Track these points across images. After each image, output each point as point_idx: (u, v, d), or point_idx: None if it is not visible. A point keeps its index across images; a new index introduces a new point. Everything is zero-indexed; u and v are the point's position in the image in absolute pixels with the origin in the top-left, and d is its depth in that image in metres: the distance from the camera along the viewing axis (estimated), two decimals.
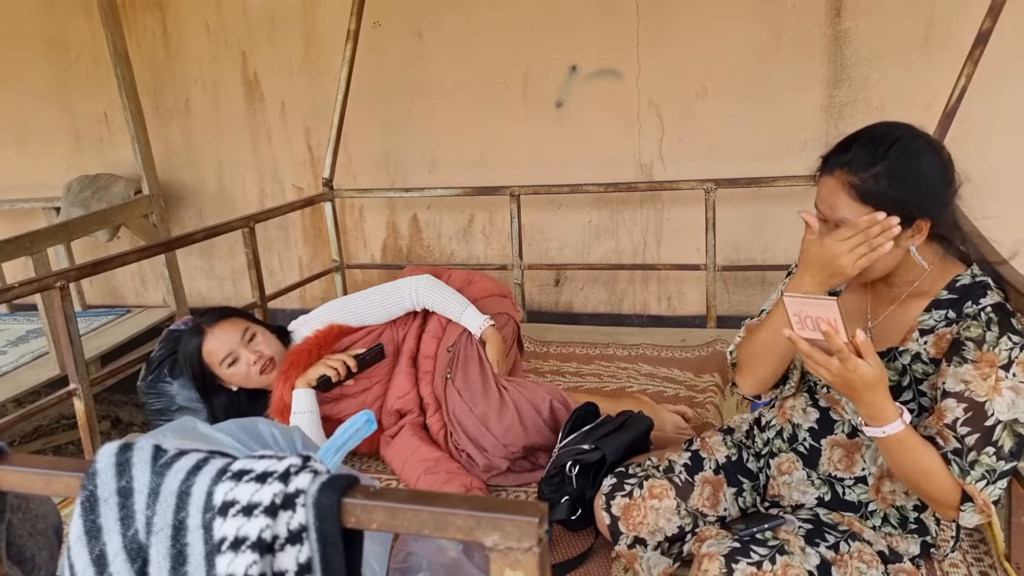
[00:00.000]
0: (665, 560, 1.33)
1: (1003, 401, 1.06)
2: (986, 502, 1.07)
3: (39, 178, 3.75)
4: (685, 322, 2.96)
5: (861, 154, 1.12)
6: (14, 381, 2.82)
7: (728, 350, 1.40)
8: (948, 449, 1.09)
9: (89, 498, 0.63)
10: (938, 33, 2.51)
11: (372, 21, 3.07)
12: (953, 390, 1.10)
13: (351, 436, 0.87)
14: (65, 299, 1.84)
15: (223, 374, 1.84)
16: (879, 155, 1.11)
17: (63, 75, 3.64)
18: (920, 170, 1.12)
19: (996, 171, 2.41)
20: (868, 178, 1.11)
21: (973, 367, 1.09)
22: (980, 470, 1.07)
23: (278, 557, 0.60)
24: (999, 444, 1.06)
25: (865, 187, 1.11)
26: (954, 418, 1.09)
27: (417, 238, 3.37)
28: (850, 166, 1.12)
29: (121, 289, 3.92)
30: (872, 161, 1.11)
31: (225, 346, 1.82)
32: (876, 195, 1.10)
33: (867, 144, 1.13)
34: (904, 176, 1.10)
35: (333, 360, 1.80)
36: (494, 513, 0.53)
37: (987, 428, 1.07)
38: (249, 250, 2.47)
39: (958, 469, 1.08)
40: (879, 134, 1.14)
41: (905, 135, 1.13)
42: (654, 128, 2.89)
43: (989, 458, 1.06)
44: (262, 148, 3.48)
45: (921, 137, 1.14)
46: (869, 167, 1.11)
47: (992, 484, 1.07)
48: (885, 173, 1.10)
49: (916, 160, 1.12)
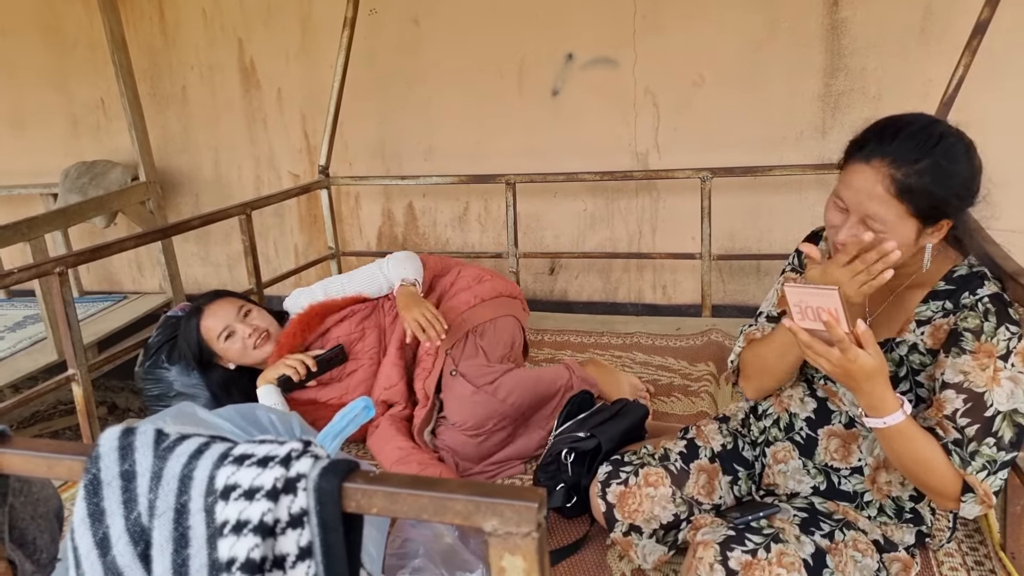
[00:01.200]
0: (660, 548, 1.34)
1: (1002, 391, 1.07)
2: (987, 493, 1.07)
3: (36, 164, 3.74)
4: (680, 311, 2.97)
5: (907, 147, 1.08)
6: (12, 367, 2.82)
7: (729, 359, 1.41)
8: (948, 440, 1.09)
9: (92, 481, 0.64)
10: (936, 22, 2.51)
11: (368, 8, 3.05)
12: (952, 381, 1.10)
13: (349, 422, 0.88)
14: (64, 285, 1.84)
15: (220, 349, 1.89)
16: (926, 151, 1.07)
17: (60, 62, 3.62)
18: (960, 171, 1.09)
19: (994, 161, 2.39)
20: (912, 173, 1.06)
21: (972, 358, 1.09)
22: (981, 460, 1.07)
23: (279, 541, 0.61)
24: (999, 435, 1.06)
25: (907, 182, 1.07)
26: (954, 409, 1.09)
27: (413, 226, 3.37)
28: (894, 158, 1.08)
29: (118, 275, 3.91)
30: (918, 156, 1.07)
31: (221, 321, 1.88)
32: (915, 191, 1.07)
33: (913, 138, 1.08)
34: (946, 175, 1.07)
35: (292, 360, 1.83)
36: (493, 498, 0.53)
37: (987, 419, 1.07)
38: (245, 237, 2.47)
39: (959, 460, 1.07)
40: (924, 127, 1.09)
41: (949, 134, 1.10)
42: (650, 117, 2.89)
43: (989, 449, 1.06)
44: (258, 135, 3.47)
45: (963, 138, 1.12)
46: (915, 162, 1.07)
47: (993, 475, 1.07)
48: (928, 170, 1.06)
49: (958, 161, 1.09)
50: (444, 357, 1.88)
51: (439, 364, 1.88)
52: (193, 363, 1.91)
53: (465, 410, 1.75)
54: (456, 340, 1.92)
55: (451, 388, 1.81)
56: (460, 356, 1.88)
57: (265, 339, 1.90)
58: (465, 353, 1.89)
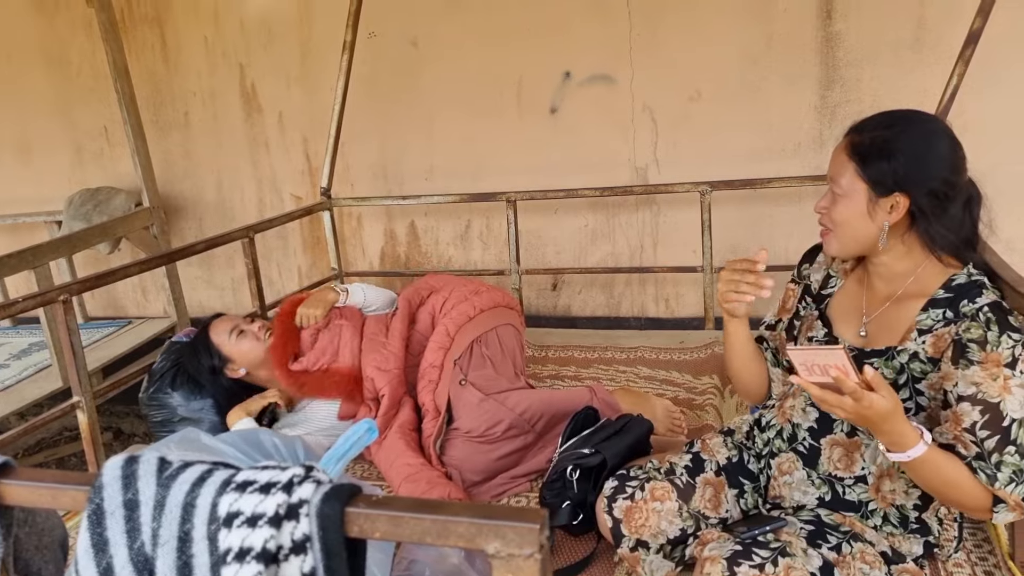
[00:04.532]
0: (667, 564, 1.34)
1: (1014, 399, 1.07)
2: (1018, 502, 1.08)
3: (41, 192, 3.78)
4: (683, 324, 2.97)
5: (873, 120, 1.19)
6: (17, 394, 2.83)
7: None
8: (970, 456, 1.09)
9: (96, 511, 0.64)
10: (929, 33, 2.53)
11: (368, 32, 3.09)
12: (966, 393, 1.10)
13: (352, 445, 0.88)
14: (68, 313, 1.85)
15: (232, 350, 1.96)
16: (885, 123, 1.17)
17: (64, 90, 3.67)
18: (911, 144, 1.15)
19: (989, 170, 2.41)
20: (867, 138, 1.17)
21: (980, 368, 1.09)
22: (1008, 471, 1.07)
23: (283, 567, 0.61)
24: (1019, 442, 1.07)
25: (861, 144, 1.17)
26: (972, 422, 1.09)
27: (415, 245, 3.38)
28: (860, 128, 1.20)
29: (122, 300, 3.93)
30: (876, 126, 1.18)
31: (229, 322, 2.00)
32: (866, 154, 1.16)
33: (885, 114, 1.20)
34: (894, 144, 1.15)
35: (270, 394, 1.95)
36: (496, 520, 0.53)
37: (1004, 428, 1.07)
38: (249, 260, 2.49)
39: (985, 476, 1.08)
40: (900, 110, 1.20)
41: (916, 116, 1.18)
42: (648, 132, 2.91)
43: (1012, 457, 1.07)
44: (260, 159, 3.50)
45: (938, 122, 1.20)
46: (872, 129, 1.18)
47: (1020, 484, 1.07)
48: (882, 137, 1.16)
49: (910, 135, 1.16)
50: (452, 367, 1.89)
51: (447, 374, 1.89)
52: (206, 374, 1.97)
53: (474, 416, 1.76)
54: (462, 351, 1.93)
55: (460, 397, 1.82)
56: (468, 367, 1.89)
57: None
58: (473, 364, 1.90)
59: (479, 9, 2.98)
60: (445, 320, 2.04)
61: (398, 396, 1.93)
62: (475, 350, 1.94)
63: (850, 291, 1.31)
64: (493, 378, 1.86)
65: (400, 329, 2.04)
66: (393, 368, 1.94)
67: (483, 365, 1.90)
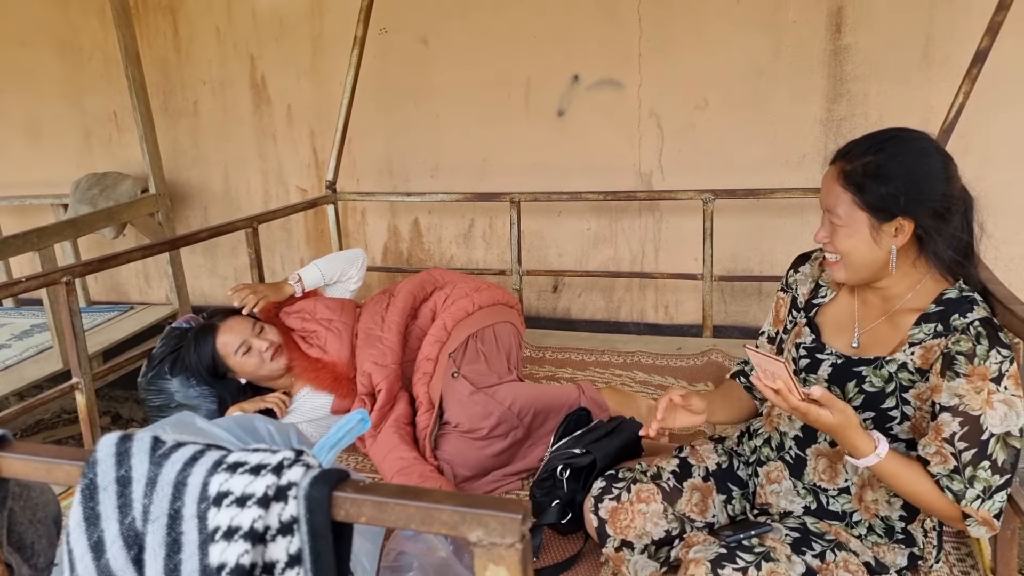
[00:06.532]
0: (652, 564, 1.35)
1: (996, 414, 1.08)
2: (986, 519, 1.09)
3: (49, 175, 3.80)
4: (682, 331, 2.98)
5: (861, 145, 1.17)
6: (18, 374, 2.85)
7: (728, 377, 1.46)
8: (945, 472, 1.10)
9: (89, 486, 0.66)
10: (937, 50, 2.54)
11: (379, 28, 3.10)
12: (948, 404, 1.11)
13: (345, 434, 0.89)
14: (70, 295, 1.87)
15: (236, 363, 1.92)
16: (873, 147, 1.15)
17: (75, 75, 3.69)
18: (904, 166, 1.14)
19: (993, 188, 2.42)
20: (858, 166, 1.15)
21: (966, 380, 1.10)
22: (979, 487, 1.08)
23: (269, 547, 0.62)
24: (993, 458, 1.08)
25: (854, 173, 1.15)
26: (951, 432, 1.10)
27: (418, 242, 3.39)
28: (847, 156, 1.18)
29: (125, 286, 3.95)
30: (864, 151, 1.16)
31: (239, 336, 1.93)
32: (860, 183, 1.15)
33: (870, 138, 1.18)
34: (888, 169, 1.14)
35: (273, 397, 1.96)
36: (479, 509, 0.55)
37: (983, 442, 1.08)
38: (252, 250, 2.50)
39: (952, 495, 1.09)
40: (882, 132, 1.19)
41: (902, 135, 1.17)
42: (654, 138, 2.92)
43: (985, 472, 1.08)
44: (267, 150, 3.52)
45: (917, 140, 1.17)
46: (861, 156, 1.16)
47: (988, 500, 1.08)
48: (873, 163, 1.14)
49: (903, 157, 1.14)
50: (447, 361, 1.90)
51: (441, 368, 1.90)
52: (207, 376, 1.95)
53: (464, 410, 1.77)
54: (458, 345, 1.94)
55: (452, 389, 1.83)
56: (462, 360, 1.91)
57: (279, 353, 1.95)
58: (467, 358, 1.92)
59: (490, 9, 3.00)
60: (444, 315, 2.05)
61: (394, 391, 1.94)
62: (470, 345, 1.95)
63: (842, 303, 1.32)
64: (484, 372, 1.87)
65: (397, 322, 2.05)
66: (390, 363, 1.95)
67: (476, 359, 1.92)
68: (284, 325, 2.07)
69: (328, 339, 2.02)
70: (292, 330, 2.06)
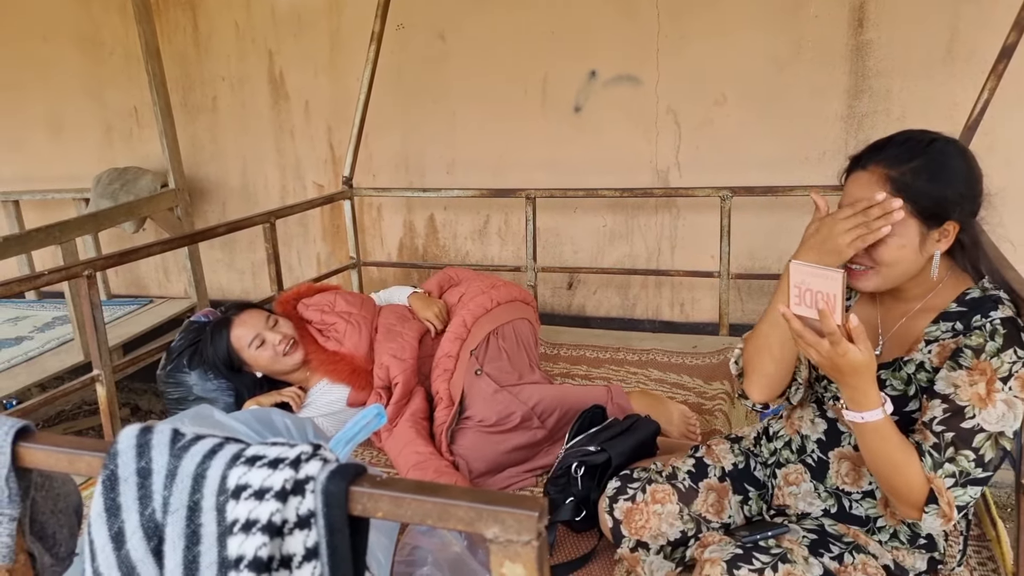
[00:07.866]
0: (668, 564, 1.34)
1: (994, 412, 1.06)
2: (950, 504, 1.06)
3: (70, 169, 3.85)
4: (697, 329, 2.96)
5: (898, 151, 1.13)
6: (39, 366, 2.89)
7: (731, 360, 1.40)
8: (927, 444, 1.09)
9: (110, 477, 0.66)
10: (962, 45, 2.49)
11: (396, 23, 3.11)
12: (940, 391, 1.10)
13: (361, 429, 0.89)
14: (92, 288, 1.89)
15: (250, 357, 1.94)
16: (917, 152, 1.12)
17: (96, 70, 3.73)
18: (957, 168, 1.12)
19: (1018, 186, 2.38)
20: (907, 171, 1.11)
21: (966, 373, 1.09)
22: (953, 468, 1.07)
23: (287, 541, 0.63)
24: (980, 452, 1.06)
25: (903, 179, 1.10)
26: (931, 417, 1.10)
27: (433, 238, 3.40)
28: (887, 161, 1.13)
29: (144, 280, 3.99)
30: (910, 156, 1.12)
31: (252, 329, 1.94)
32: (914, 189, 1.10)
33: (904, 142, 1.14)
34: (942, 172, 1.11)
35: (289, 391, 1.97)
36: (495, 506, 0.54)
37: (963, 430, 1.07)
38: (269, 245, 2.52)
39: (931, 462, 1.08)
40: (913, 135, 1.15)
41: (940, 138, 1.15)
42: (672, 135, 2.90)
43: (968, 462, 1.06)
44: (285, 145, 3.54)
45: (954, 142, 1.16)
46: (907, 162, 1.11)
47: (961, 487, 1.06)
48: (924, 168, 1.10)
49: (951, 160, 1.13)
50: (468, 358, 1.91)
51: (463, 365, 1.90)
52: (224, 369, 1.97)
53: (488, 406, 1.78)
54: (479, 342, 1.95)
55: (475, 386, 1.84)
56: (484, 357, 1.92)
57: (294, 347, 1.97)
58: (489, 355, 1.93)
59: (508, 5, 2.99)
60: (462, 311, 2.06)
61: (411, 385, 1.95)
62: (491, 342, 1.96)
63: (863, 308, 1.30)
64: (507, 370, 1.88)
65: (417, 323, 2.08)
66: (408, 358, 1.97)
67: (499, 357, 1.92)
68: (301, 318, 2.08)
69: (347, 332, 2.03)
70: (310, 322, 2.08)
